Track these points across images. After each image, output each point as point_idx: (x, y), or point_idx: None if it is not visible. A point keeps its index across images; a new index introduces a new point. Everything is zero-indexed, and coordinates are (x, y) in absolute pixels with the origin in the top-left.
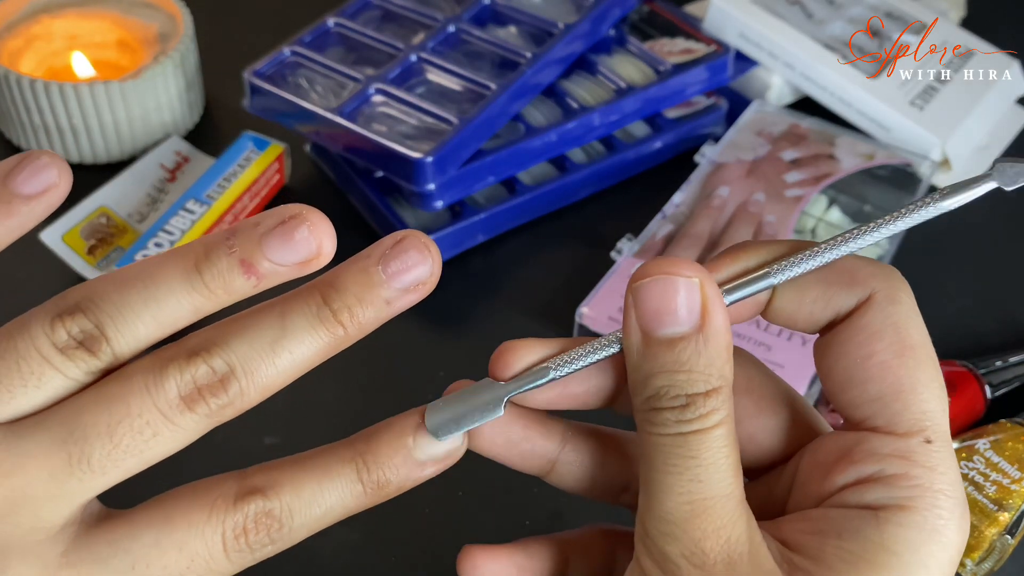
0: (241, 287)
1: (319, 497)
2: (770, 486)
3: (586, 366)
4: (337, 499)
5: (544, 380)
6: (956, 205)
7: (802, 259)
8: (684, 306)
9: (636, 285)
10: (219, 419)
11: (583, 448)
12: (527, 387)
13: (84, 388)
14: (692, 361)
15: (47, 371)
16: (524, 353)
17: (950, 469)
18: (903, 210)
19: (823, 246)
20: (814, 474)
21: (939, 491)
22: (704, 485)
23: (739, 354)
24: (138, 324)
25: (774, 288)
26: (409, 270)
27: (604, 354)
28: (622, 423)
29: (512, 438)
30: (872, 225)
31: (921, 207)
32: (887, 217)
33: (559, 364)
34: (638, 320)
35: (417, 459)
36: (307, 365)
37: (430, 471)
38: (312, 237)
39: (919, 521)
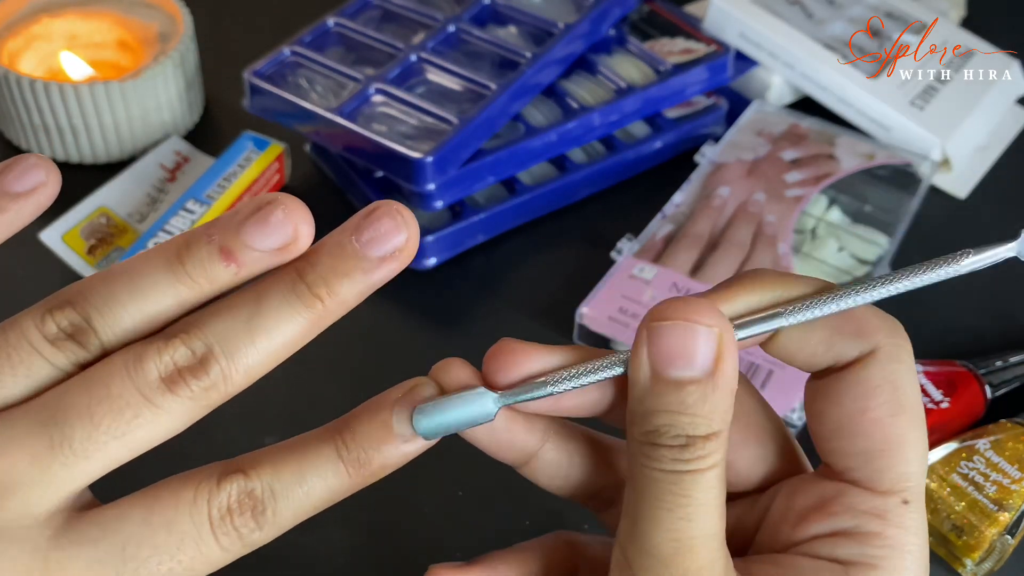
0: (222, 275)
1: (300, 477)
2: (740, 514)
3: (585, 385)
4: (319, 479)
5: (541, 394)
6: (978, 267)
7: (816, 304)
8: (700, 353)
9: (654, 326)
10: (205, 403)
11: (562, 448)
12: (522, 399)
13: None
14: (698, 405)
15: (36, 360)
16: (522, 359)
17: (921, 530)
18: (925, 265)
19: (839, 292)
20: (788, 516)
21: (907, 552)
22: (692, 524)
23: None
24: (124, 315)
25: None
26: (383, 238)
27: (605, 375)
28: (606, 429)
29: (495, 426)
30: (891, 277)
31: (944, 265)
32: (907, 270)
33: (557, 380)
34: (649, 357)
35: (398, 434)
36: (290, 345)
37: (411, 447)
38: (288, 220)
39: (891, 572)
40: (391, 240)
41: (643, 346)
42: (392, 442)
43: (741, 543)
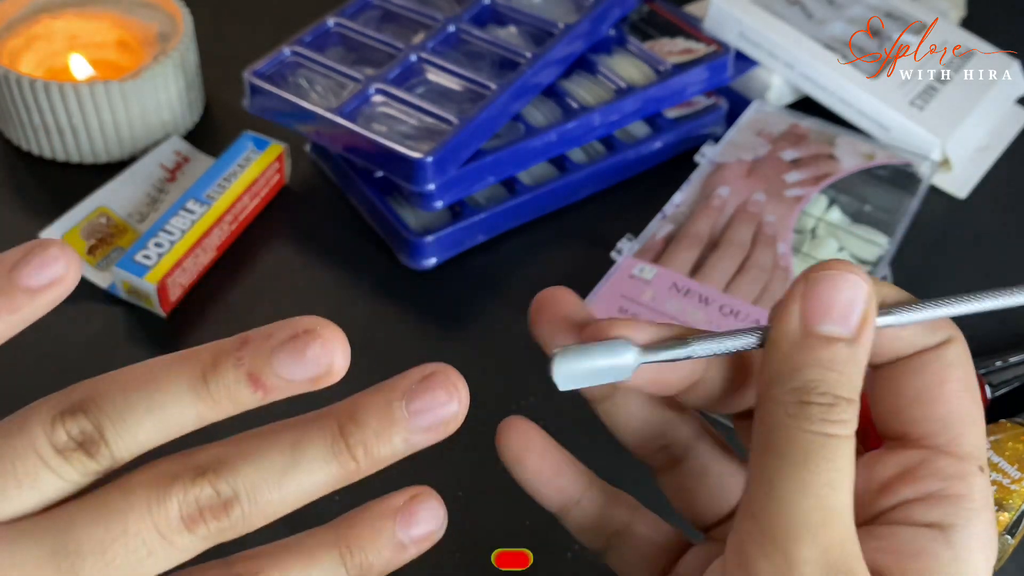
0: (248, 400)
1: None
2: None
3: (724, 352)
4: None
5: (682, 355)
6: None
7: (955, 302)
8: (854, 311)
9: (814, 275)
10: (215, 541)
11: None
12: (663, 358)
13: (81, 491)
14: (846, 364)
15: (43, 473)
16: (650, 326)
17: (991, 499)
18: (1001, 291)
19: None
20: (869, 487)
21: (985, 516)
22: (837, 494)
23: None
24: (139, 430)
25: None
26: (434, 409)
27: (744, 344)
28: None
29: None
30: (978, 296)
31: (1000, 296)
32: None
33: (700, 343)
34: (802, 309)
35: (400, 542)
36: (314, 495)
37: (412, 552)
38: (324, 355)
39: (978, 534)
40: (441, 412)
41: (796, 298)
42: (395, 548)
43: None
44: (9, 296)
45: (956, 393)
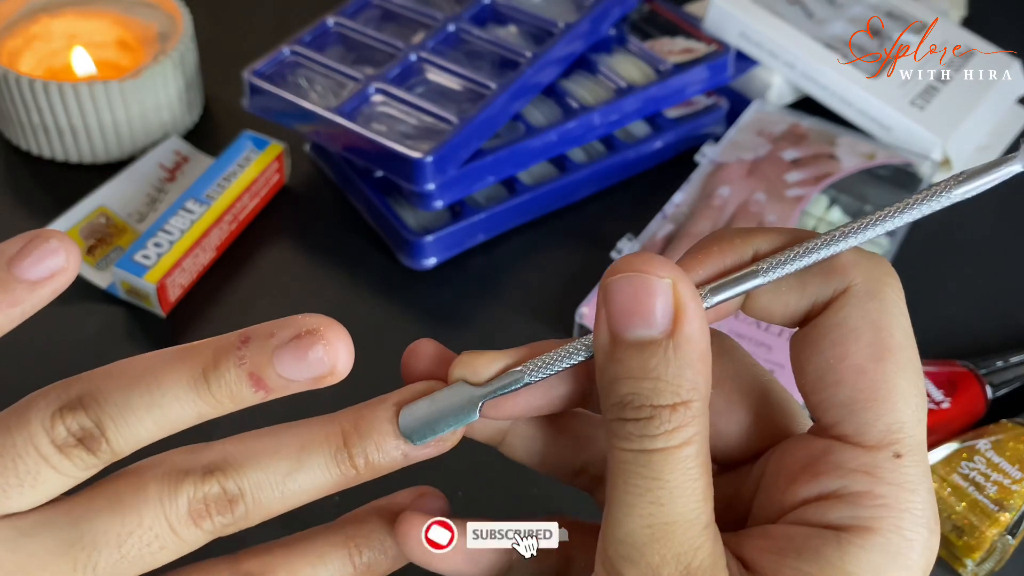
0: (248, 399)
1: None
2: (737, 484)
3: (560, 371)
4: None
5: (519, 384)
6: (973, 193)
7: (796, 256)
8: (654, 308)
9: (607, 282)
10: (216, 535)
11: (533, 422)
12: (501, 391)
13: (90, 482)
14: (660, 369)
15: (44, 470)
16: (490, 359)
17: (920, 485)
18: (913, 199)
19: (819, 241)
20: (778, 481)
21: (905, 511)
22: (666, 509)
23: (716, 338)
24: (139, 427)
25: None
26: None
27: (577, 359)
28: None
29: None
30: (875, 217)
31: (933, 196)
32: (892, 207)
33: (533, 369)
34: (607, 319)
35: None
36: (313, 497)
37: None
38: (327, 356)
39: (882, 544)
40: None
41: (602, 309)
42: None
43: (739, 515)
44: (8, 289)
45: (860, 369)
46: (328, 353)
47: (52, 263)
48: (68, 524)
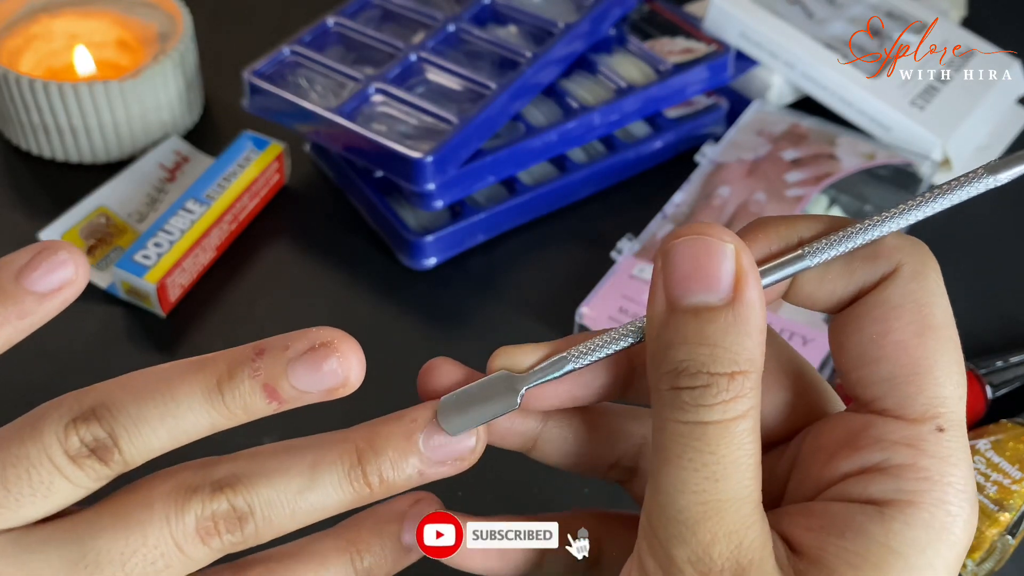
0: (262, 409)
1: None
2: (771, 465)
3: (605, 356)
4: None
5: (562, 371)
6: (1012, 178)
7: (841, 239)
8: (718, 274)
9: (668, 246)
10: (225, 553)
11: (565, 424)
12: (545, 379)
13: (96, 495)
14: (718, 335)
15: (57, 480)
16: (531, 348)
17: (962, 460)
18: (948, 184)
19: (863, 224)
20: (816, 457)
21: (948, 484)
22: (720, 485)
23: None
24: (152, 438)
25: None
26: (449, 445)
27: (624, 344)
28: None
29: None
30: (919, 200)
31: (972, 181)
32: (935, 190)
33: (577, 355)
34: (665, 285)
35: (405, 546)
36: (325, 515)
37: (415, 557)
38: (340, 368)
39: (926, 519)
40: (455, 449)
41: (658, 276)
42: (400, 552)
43: (774, 495)
44: (18, 301)
45: (903, 344)
46: (342, 365)
47: (61, 275)
48: (72, 541)
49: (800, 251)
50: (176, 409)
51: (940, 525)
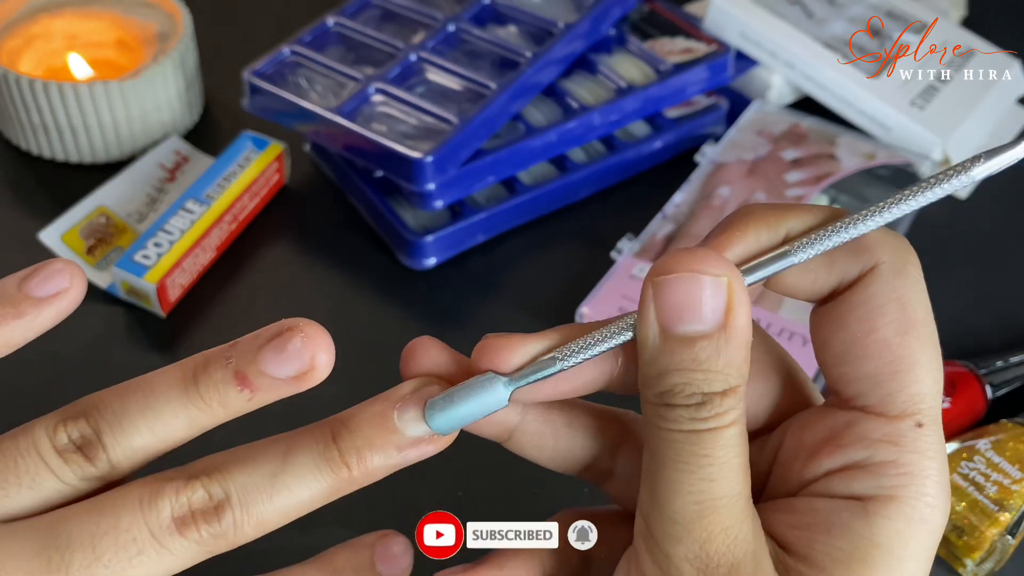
0: (235, 400)
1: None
2: (753, 456)
3: (594, 356)
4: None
5: (551, 371)
6: (990, 172)
7: (827, 235)
8: (708, 305)
9: (659, 280)
10: (211, 550)
11: (543, 418)
12: (533, 378)
13: (81, 497)
14: (711, 361)
15: (42, 472)
16: (518, 345)
17: (938, 452)
18: (934, 180)
19: (850, 219)
20: (799, 454)
21: (927, 477)
22: (715, 484)
23: None
24: (135, 435)
25: None
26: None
27: (615, 343)
28: (615, 400)
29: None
30: (901, 196)
31: (954, 175)
32: (916, 186)
33: (566, 354)
34: (657, 314)
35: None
36: (307, 505)
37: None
38: (305, 349)
39: (908, 512)
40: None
41: (649, 304)
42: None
43: (756, 486)
44: (16, 303)
45: (886, 342)
46: (307, 346)
47: (56, 283)
48: (45, 526)
49: (786, 247)
50: (155, 402)
51: (920, 517)
